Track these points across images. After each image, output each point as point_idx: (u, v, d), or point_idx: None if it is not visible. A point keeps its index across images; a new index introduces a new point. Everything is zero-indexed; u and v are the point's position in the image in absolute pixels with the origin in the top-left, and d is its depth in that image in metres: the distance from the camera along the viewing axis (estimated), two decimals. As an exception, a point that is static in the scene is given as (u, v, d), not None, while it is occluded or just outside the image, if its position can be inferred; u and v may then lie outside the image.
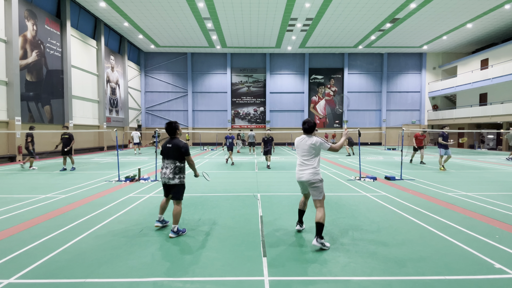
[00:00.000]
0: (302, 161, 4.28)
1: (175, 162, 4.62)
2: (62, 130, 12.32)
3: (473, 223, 5.10)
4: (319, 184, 4.17)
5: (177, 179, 4.60)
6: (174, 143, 4.63)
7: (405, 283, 3.10)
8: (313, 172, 4.18)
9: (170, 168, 4.60)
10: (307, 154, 4.26)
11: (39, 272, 3.33)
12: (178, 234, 4.49)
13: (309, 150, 4.25)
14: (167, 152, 4.65)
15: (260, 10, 21.73)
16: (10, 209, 6.00)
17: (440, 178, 10.07)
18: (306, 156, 4.27)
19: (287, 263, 3.58)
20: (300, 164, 4.29)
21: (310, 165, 4.22)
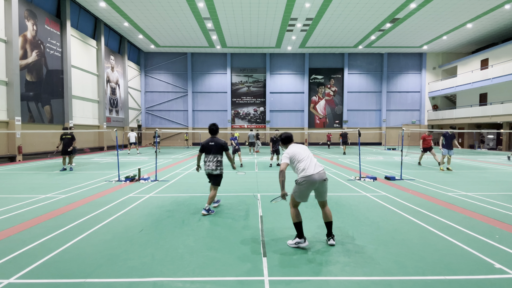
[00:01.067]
0: (315, 161, 4.24)
1: (217, 156, 5.73)
2: (63, 130, 12.24)
3: (473, 223, 5.10)
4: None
5: (219, 170, 5.78)
6: (216, 141, 5.74)
7: (405, 283, 3.10)
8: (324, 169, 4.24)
9: (213, 162, 5.71)
10: (311, 154, 4.37)
11: (39, 272, 3.33)
12: (208, 213, 5.57)
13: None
14: (210, 149, 5.72)
15: (260, 10, 21.74)
16: (10, 209, 6.00)
17: (440, 178, 10.07)
18: (312, 156, 4.34)
19: (287, 263, 3.58)
20: (316, 164, 4.18)
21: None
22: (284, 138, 4.48)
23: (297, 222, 4.13)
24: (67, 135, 12.02)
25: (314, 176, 4.03)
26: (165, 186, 8.50)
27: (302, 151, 4.29)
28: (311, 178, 4.03)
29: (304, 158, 4.19)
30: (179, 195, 7.32)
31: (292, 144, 4.43)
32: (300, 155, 4.22)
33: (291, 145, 4.42)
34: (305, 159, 4.18)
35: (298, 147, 4.36)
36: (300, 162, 4.17)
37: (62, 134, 12.10)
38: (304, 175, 4.07)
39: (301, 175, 4.10)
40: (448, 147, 11.94)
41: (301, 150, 4.30)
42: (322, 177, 4.09)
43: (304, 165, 4.13)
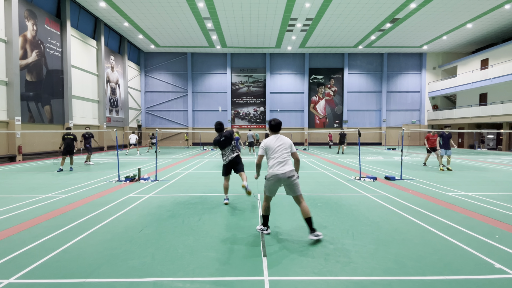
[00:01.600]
0: (283, 158, 4.31)
1: (230, 146, 6.37)
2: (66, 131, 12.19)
3: (473, 223, 5.10)
4: (297, 179, 4.36)
5: (236, 152, 6.43)
6: (225, 135, 6.28)
7: (405, 283, 3.10)
8: (292, 168, 4.32)
9: (229, 151, 6.36)
10: (287, 150, 4.40)
11: (39, 272, 3.33)
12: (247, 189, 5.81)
13: (290, 146, 4.44)
14: (223, 143, 6.28)
15: (260, 10, 21.74)
16: (10, 209, 6.00)
17: (440, 178, 10.07)
18: (287, 153, 4.38)
19: (287, 263, 3.58)
20: (280, 162, 4.28)
21: (289, 160, 4.38)
22: (275, 125, 4.50)
23: (265, 215, 4.53)
24: (69, 135, 11.97)
25: (279, 175, 4.24)
26: (165, 186, 8.50)
27: (277, 146, 4.34)
28: (277, 176, 4.26)
29: (275, 156, 4.30)
30: (179, 195, 7.32)
31: (274, 136, 4.45)
32: (273, 151, 4.33)
33: (273, 136, 4.45)
34: (276, 157, 4.30)
35: (276, 140, 4.38)
36: (270, 159, 4.34)
37: (64, 134, 12.05)
38: (271, 172, 4.29)
39: (269, 172, 4.32)
40: (445, 147, 11.93)
41: (277, 145, 4.34)
42: (287, 175, 4.23)
43: (273, 162, 4.29)
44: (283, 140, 4.43)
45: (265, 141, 4.42)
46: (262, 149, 4.42)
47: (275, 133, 4.51)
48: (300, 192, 4.37)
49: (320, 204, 6.44)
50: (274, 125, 4.51)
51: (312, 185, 8.65)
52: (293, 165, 4.39)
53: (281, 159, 4.29)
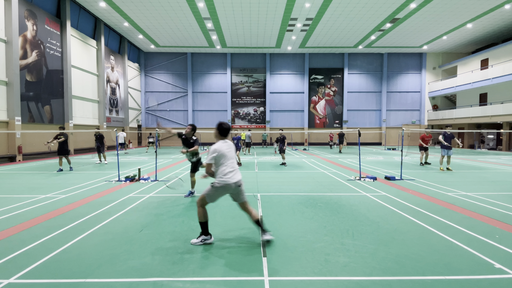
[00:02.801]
0: (233, 165, 4.13)
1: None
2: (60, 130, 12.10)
3: (473, 223, 5.10)
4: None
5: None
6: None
7: (404, 283, 3.10)
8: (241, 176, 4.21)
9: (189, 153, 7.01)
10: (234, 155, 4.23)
11: (39, 272, 3.33)
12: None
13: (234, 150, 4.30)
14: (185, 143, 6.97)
15: (260, 10, 21.74)
16: (10, 209, 6.00)
17: (440, 178, 10.07)
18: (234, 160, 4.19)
19: (287, 263, 3.58)
20: (233, 169, 4.08)
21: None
22: (224, 129, 4.17)
23: (204, 222, 4.14)
24: (60, 137, 11.86)
25: (232, 184, 4.01)
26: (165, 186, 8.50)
27: (228, 152, 4.08)
28: (229, 186, 4.01)
29: (228, 163, 4.05)
30: (179, 195, 7.32)
31: (223, 141, 4.13)
32: (226, 157, 4.04)
33: (222, 141, 4.13)
34: (229, 164, 4.05)
35: (226, 146, 4.10)
36: (222, 165, 4.02)
37: (57, 134, 11.98)
38: (224, 180, 3.97)
39: (221, 179, 3.98)
40: (447, 147, 11.95)
41: (228, 151, 4.09)
42: (238, 184, 4.08)
43: (225, 169, 4.01)
44: (231, 145, 4.18)
45: (217, 147, 4.00)
46: (213, 156, 3.96)
47: (224, 138, 4.19)
48: (246, 199, 4.23)
49: (320, 204, 6.44)
50: (225, 129, 4.17)
51: (312, 185, 8.65)
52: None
53: (233, 166, 4.09)
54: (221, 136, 4.18)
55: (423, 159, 13.79)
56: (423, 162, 13.80)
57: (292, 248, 4.01)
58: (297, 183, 9.08)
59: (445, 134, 12.13)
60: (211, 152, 3.99)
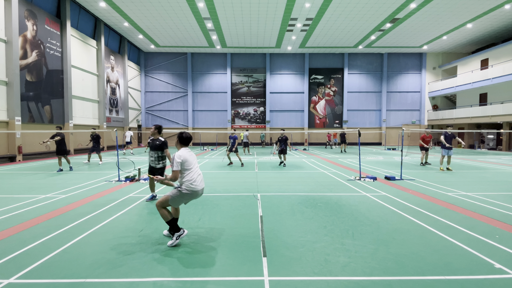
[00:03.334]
0: (199, 171, 4.27)
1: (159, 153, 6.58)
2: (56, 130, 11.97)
3: (473, 223, 5.10)
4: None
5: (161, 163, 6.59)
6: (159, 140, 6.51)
7: (405, 283, 3.10)
8: None
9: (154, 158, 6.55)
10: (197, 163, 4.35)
11: (39, 272, 3.33)
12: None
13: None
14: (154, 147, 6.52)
15: (260, 10, 21.74)
16: (10, 209, 6.00)
17: (440, 178, 10.07)
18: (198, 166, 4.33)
19: (287, 263, 3.58)
20: (199, 175, 4.22)
21: None
22: (185, 138, 4.29)
23: (173, 219, 4.23)
24: (57, 137, 11.72)
25: (199, 191, 4.19)
26: (165, 186, 8.50)
27: (192, 159, 4.17)
28: (197, 193, 4.17)
29: (193, 169, 4.15)
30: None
31: (185, 149, 4.22)
32: (190, 163, 4.13)
33: (183, 149, 4.20)
34: (194, 170, 4.15)
35: (189, 153, 4.19)
36: (189, 171, 4.10)
37: (54, 134, 11.83)
38: (191, 187, 4.08)
39: (188, 186, 4.07)
40: (448, 147, 11.96)
41: (192, 158, 4.18)
42: (202, 192, 4.27)
43: (193, 176, 4.11)
44: (192, 154, 4.29)
45: (181, 153, 4.09)
46: (178, 163, 4.02)
47: (185, 146, 4.30)
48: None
49: (320, 204, 6.45)
50: (186, 138, 4.29)
51: (312, 185, 8.65)
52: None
53: (199, 172, 4.24)
54: (182, 144, 4.30)
55: (424, 159, 13.81)
56: (423, 162, 13.82)
57: (292, 248, 4.01)
58: (297, 183, 9.08)
59: (445, 134, 12.13)
60: (176, 158, 4.03)
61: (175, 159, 4.03)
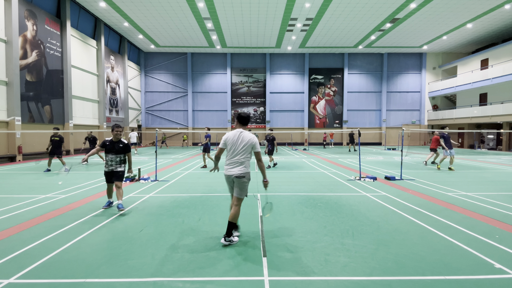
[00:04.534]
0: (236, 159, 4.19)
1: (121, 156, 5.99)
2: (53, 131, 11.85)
3: (473, 223, 5.10)
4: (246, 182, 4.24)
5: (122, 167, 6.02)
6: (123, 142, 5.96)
7: (405, 283, 3.10)
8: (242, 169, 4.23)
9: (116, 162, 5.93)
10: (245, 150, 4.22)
11: (39, 272, 3.33)
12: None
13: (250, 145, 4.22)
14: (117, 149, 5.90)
15: (260, 10, 21.73)
16: (10, 209, 6.00)
17: (440, 178, 10.07)
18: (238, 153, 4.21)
19: (287, 263, 3.58)
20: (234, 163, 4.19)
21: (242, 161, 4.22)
22: (245, 117, 4.26)
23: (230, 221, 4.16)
24: (55, 137, 11.71)
25: (229, 177, 4.20)
26: (165, 186, 8.51)
27: (232, 144, 4.15)
28: (227, 177, 4.24)
29: (229, 154, 4.21)
30: (179, 195, 7.32)
31: (235, 131, 4.19)
32: (228, 147, 4.19)
33: (235, 131, 4.20)
34: (229, 155, 4.21)
35: (233, 136, 4.15)
36: (228, 155, 4.24)
37: (52, 135, 11.82)
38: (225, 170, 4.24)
39: (224, 169, 4.25)
40: (449, 147, 12.04)
41: (233, 142, 4.14)
42: (232, 174, 4.13)
43: (227, 160, 4.23)
44: (244, 138, 4.15)
45: (226, 135, 4.21)
46: (222, 142, 4.23)
47: (242, 126, 4.26)
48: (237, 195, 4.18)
49: (320, 204, 6.45)
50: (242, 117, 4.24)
51: (312, 185, 8.65)
52: (245, 166, 4.16)
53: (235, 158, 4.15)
54: (239, 123, 4.29)
55: (434, 159, 13.67)
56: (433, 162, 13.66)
57: (292, 248, 4.01)
58: (297, 183, 9.08)
59: (444, 136, 12.21)
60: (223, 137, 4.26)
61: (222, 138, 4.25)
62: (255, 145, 4.16)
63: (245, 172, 4.13)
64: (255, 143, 4.16)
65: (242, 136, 4.15)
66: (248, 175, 4.18)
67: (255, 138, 4.21)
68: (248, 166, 4.21)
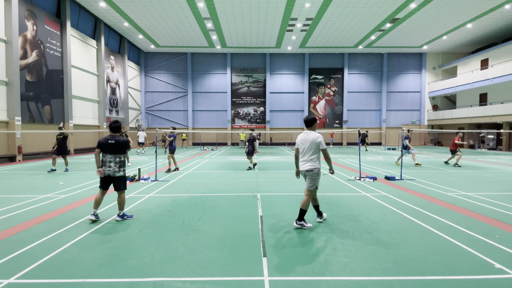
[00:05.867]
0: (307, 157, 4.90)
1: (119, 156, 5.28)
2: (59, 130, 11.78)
3: (473, 223, 5.10)
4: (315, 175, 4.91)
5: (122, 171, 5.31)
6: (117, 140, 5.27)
7: (405, 283, 3.10)
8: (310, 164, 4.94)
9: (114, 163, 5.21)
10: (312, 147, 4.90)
11: (39, 272, 3.33)
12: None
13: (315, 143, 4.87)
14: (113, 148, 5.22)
15: (260, 10, 21.73)
16: (10, 209, 6.00)
17: (440, 178, 10.07)
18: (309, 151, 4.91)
19: (287, 263, 3.58)
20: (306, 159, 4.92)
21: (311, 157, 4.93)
22: (309, 120, 4.98)
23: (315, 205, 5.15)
24: (60, 135, 11.59)
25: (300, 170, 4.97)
26: (165, 186, 8.51)
27: (302, 143, 4.89)
28: (300, 170, 4.98)
29: (301, 153, 4.94)
30: (179, 195, 7.32)
31: (304, 132, 4.96)
32: (301, 147, 4.92)
33: (304, 132, 4.97)
34: (301, 154, 4.94)
35: (303, 137, 4.90)
36: (300, 153, 4.98)
37: (57, 134, 11.71)
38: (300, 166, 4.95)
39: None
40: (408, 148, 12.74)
41: (303, 142, 4.88)
42: (304, 169, 4.88)
43: (300, 158, 4.97)
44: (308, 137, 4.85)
45: (299, 137, 5.02)
46: (296, 143, 5.04)
47: (308, 128, 4.99)
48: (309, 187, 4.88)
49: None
50: (307, 121, 4.98)
51: (312, 185, 8.64)
52: (314, 162, 4.80)
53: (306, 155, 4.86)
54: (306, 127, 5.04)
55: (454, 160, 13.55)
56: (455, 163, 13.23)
57: (292, 248, 4.01)
58: (297, 183, 9.08)
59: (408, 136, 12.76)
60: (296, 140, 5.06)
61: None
62: (319, 143, 4.79)
63: (314, 167, 4.80)
64: (320, 141, 4.79)
65: (309, 137, 4.86)
66: (317, 170, 4.81)
67: (320, 137, 4.82)
68: (317, 161, 4.84)
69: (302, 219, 4.82)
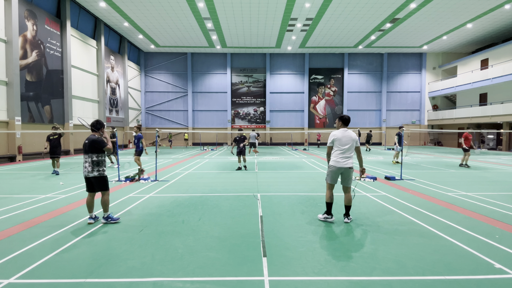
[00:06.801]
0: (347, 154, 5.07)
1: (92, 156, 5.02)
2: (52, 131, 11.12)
3: (473, 223, 5.10)
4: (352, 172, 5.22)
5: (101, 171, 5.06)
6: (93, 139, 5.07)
7: (405, 283, 3.10)
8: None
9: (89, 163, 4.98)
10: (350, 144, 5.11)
11: (39, 272, 3.33)
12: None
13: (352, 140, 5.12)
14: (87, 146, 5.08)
15: (260, 10, 21.73)
16: (10, 209, 6.00)
17: (440, 178, 10.07)
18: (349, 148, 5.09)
19: (287, 263, 3.58)
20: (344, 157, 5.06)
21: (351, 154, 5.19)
22: (347, 119, 5.17)
23: (329, 202, 5.12)
24: (54, 136, 11.02)
25: (340, 168, 5.00)
26: (165, 186, 8.51)
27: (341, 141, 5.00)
28: (335, 167, 5.01)
29: (340, 150, 5.01)
30: (179, 195, 7.32)
31: (342, 130, 5.07)
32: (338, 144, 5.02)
33: (341, 130, 5.07)
34: (340, 151, 5.01)
35: (342, 135, 5.00)
36: (336, 149, 5.06)
37: (50, 134, 11.11)
38: (332, 162, 5.03)
39: (332, 161, 5.03)
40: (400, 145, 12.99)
41: (347, 140, 4.99)
42: (344, 165, 4.97)
43: (337, 154, 5.03)
44: (348, 135, 5.02)
45: (334, 133, 5.08)
46: (330, 139, 5.11)
47: (345, 126, 5.14)
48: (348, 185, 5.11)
49: (320, 204, 6.44)
50: (344, 120, 5.13)
51: (312, 185, 8.65)
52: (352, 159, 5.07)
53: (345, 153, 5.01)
54: (342, 124, 5.17)
55: (464, 160, 12.99)
56: (464, 164, 12.99)
57: (292, 248, 4.01)
58: (297, 183, 9.08)
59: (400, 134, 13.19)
60: (330, 136, 5.12)
61: (330, 137, 5.10)
62: (357, 141, 5.10)
63: (352, 164, 5.08)
64: (357, 140, 5.10)
65: (350, 134, 5.06)
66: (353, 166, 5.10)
67: (356, 135, 5.14)
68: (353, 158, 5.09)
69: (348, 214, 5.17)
